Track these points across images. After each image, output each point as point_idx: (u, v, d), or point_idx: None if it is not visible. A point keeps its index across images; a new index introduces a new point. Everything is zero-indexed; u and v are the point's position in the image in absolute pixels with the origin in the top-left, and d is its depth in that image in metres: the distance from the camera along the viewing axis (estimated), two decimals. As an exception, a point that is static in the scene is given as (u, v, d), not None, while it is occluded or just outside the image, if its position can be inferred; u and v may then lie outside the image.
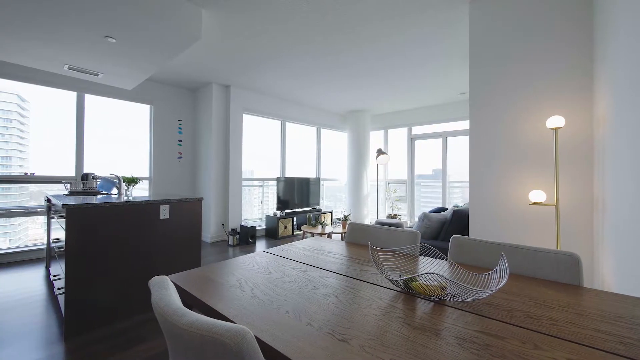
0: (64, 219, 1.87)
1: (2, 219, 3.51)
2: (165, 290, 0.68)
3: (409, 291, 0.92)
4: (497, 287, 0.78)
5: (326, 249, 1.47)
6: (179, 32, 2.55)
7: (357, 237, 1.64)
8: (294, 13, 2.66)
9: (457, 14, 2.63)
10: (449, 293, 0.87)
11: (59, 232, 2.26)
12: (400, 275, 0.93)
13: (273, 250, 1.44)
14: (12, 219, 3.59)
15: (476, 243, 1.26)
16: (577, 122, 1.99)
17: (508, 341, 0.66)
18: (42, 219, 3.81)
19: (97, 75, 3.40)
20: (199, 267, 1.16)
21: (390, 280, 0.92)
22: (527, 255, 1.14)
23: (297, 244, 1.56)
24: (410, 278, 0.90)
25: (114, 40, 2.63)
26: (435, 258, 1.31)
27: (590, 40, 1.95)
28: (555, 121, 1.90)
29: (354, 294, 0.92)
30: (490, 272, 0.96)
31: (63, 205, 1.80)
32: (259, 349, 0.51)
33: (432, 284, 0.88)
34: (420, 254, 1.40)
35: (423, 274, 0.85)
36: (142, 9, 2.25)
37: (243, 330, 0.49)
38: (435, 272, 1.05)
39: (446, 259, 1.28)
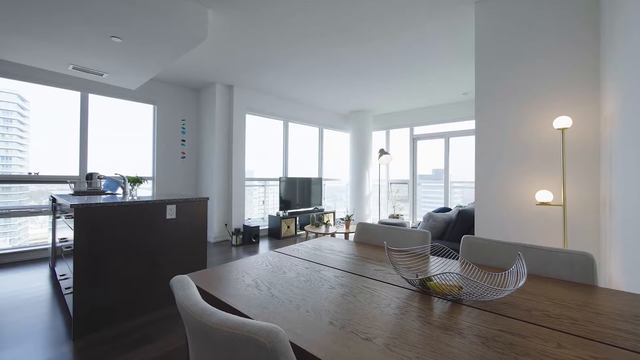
0: (72, 219, 1.88)
1: (2, 219, 3.49)
2: (189, 290, 0.68)
3: (426, 290, 0.93)
4: (517, 287, 0.79)
5: (336, 248, 1.47)
6: (185, 32, 2.55)
7: (367, 237, 1.64)
8: (299, 12, 2.66)
9: (461, 13, 2.63)
10: (466, 292, 0.88)
11: (65, 232, 2.26)
12: (417, 275, 0.94)
13: (284, 250, 1.44)
14: (12, 218, 3.58)
15: (488, 243, 1.26)
16: (583, 122, 2.00)
17: (530, 340, 0.67)
18: (42, 219, 3.80)
19: (102, 75, 3.40)
20: (213, 267, 1.17)
21: (407, 280, 0.93)
22: (540, 255, 1.14)
23: (307, 244, 1.57)
24: (428, 277, 0.90)
25: (120, 40, 2.64)
26: (444, 257, 1.31)
27: (597, 40, 1.96)
28: (563, 121, 1.91)
29: (371, 293, 0.92)
30: (506, 272, 0.96)
31: (72, 205, 1.80)
32: (291, 347, 0.51)
33: (449, 283, 0.88)
34: (431, 254, 1.40)
35: (441, 273, 0.85)
36: (148, 9, 2.25)
37: (276, 328, 0.50)
38: (448, 271, 1.06)
39: (457, 259, 1.28)
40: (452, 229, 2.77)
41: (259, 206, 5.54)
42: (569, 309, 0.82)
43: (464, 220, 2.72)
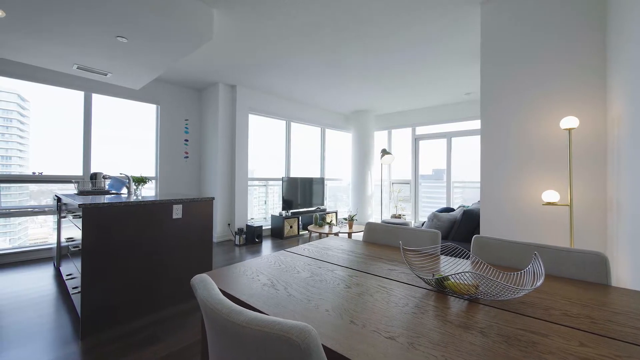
0: (80, 219, 1.87)
1: (2, 219, 3.47)
2: (212, 289, 0.68)
3: (442, 290, 0.93)
4: (535, 286, 0.79)
5: (347, 248, 1.48)
6: (191, 32, 2.55)
7: (376, 236, 1.65)
8: (302, 13, 2.66)
9: (466, 13, 2.63)
10: (483, 292, 0.88)
11: (72, 231, 2.26)
12: (433, 275, 0.94)
13: (294, 249, 1.45)
14: (12, 218, 3.56)
15: (499, 243, 1.27)
16: (590, 122, 2.01)
17: (552, 339, 0.67)
18: (42, 218, 3.79)
19: (106, 75, 3.40)
20: (226, 267, 1.17)
21: (423, 280, 0.93)
22: (552, 254, 1.15)
23: (316, 244, 1.57)
24: (445, 277, 0.90)
25: (125, 40, 2.63)
26: (453, 257, 1.32)
27: (604, 40, 1.96)
28: (569, 122, 1.91)
29: (387, 292, 0.93)
30: (522, 272, 0.97)
31: (80, 205, 1.80)
32: (322, 346, 0.52)
33: (465, 282, 0.89)
34: (441, 253, 1.41)
35: (459, 272, 0.86)
36: (154, 9, 2.25)
37: (308, 327, 0.50)
38: (462, 271, 1.06)
39: (467, 258, 1.28)
40: (457, 229, 2.78)
41: (259, 206, 5.53)
42: (586, 308, 0.82)
43: (469, 220, 2.73)
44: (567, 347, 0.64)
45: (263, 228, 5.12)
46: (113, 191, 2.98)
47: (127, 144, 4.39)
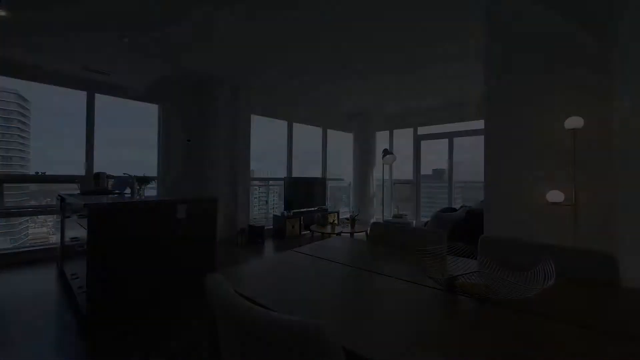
0: (85, 219, 1.88)
1: (5, 219, 3.46)
2: (228, 289, 0.68)
3: (452, 289, 0.93)
4: (546, 285, 0.80)
5: (353, 248, 1.48)
6: (193, 32, 2.55)
7: (382, 236, 1.65)
8: (305, 13, 2.65)
9: (470, 12, 2.63)
10: (494, 291, 0.88)
11: (76, 231, 2.26)
12: (442, 275, 0.94)
13: (302, 249, 1.45)
14: (12, 218, 3.54)
15: (507, 243, 1.27)
16: (595, 123, 2.01)
17: (566, 338, 0.67)
18: (42, 218, 3.79)
19: (109, 74, 3.40)
20: (234, 266, 1.17)
21: (434, 279, 0.94)
22: (561, 254, 1.15)
23: (323, 243, 1.57)
24: (455, 277, 0.91)
25: (128, 40, 2.64)
26: (459, 257, 1.32)
27: (609, 40, 1.97)
28: (574, 122, 1.92)
29: (400, 292, 0.93)
30: (532, 271, 0.97)
31: (86, 205, 1.80)
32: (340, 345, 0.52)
33: (475, 282, 0.89)
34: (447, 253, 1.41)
35: (471, 272, 0.86)
36: (157, 10, 2.25)
37: (326, 325, 0.50)
38: (469, 271, 1.06)
39: (474, 258, 1.29)
40: (461, 229, 2.78)
41: (260, 206, 5.54)
42: (598, 307, 0.83)
43: (472, 221, 2.73)
44: (581, 346, 0.64)
45: (265, 228, 5.12)
46: (116, 191, 2.98)
47: (129, 143, 4.39)
